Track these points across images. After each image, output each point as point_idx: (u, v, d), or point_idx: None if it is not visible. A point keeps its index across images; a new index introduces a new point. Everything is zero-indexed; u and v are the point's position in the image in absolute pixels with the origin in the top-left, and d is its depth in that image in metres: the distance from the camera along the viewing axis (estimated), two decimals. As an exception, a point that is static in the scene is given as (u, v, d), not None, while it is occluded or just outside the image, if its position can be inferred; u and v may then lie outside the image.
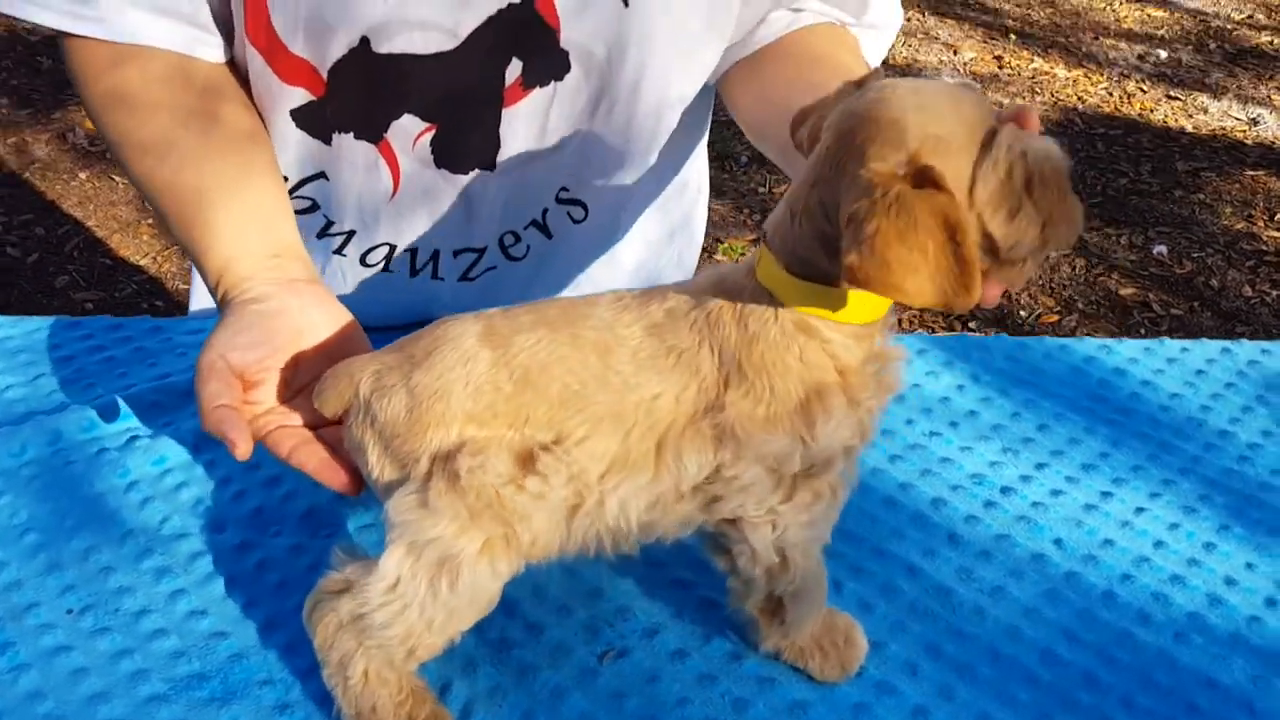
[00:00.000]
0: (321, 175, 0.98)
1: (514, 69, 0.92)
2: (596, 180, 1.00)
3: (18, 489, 0.91)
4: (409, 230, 1.01)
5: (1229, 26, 4.56)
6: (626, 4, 0.89)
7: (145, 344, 1.08)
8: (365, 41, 0.88)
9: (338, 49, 0.89)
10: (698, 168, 1.15)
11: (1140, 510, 0.94)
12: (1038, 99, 3.93)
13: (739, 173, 3.33)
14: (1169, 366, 1.12)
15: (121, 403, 0.98)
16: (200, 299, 1.19)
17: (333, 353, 0.81)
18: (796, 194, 0.67)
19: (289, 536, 0.88)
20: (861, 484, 0.94)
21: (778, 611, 0.77)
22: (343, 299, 0.86)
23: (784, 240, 0.68)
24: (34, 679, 0.76)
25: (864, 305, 0.67)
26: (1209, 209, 3.28)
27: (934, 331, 2.65)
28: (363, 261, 1.04)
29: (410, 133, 0.94)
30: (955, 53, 4.24)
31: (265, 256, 0.85)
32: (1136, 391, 1.09)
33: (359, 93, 0.91)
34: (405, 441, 0.69)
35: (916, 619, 0.84)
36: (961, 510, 0.93)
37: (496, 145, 0.95)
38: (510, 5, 0.87)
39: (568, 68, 0.92)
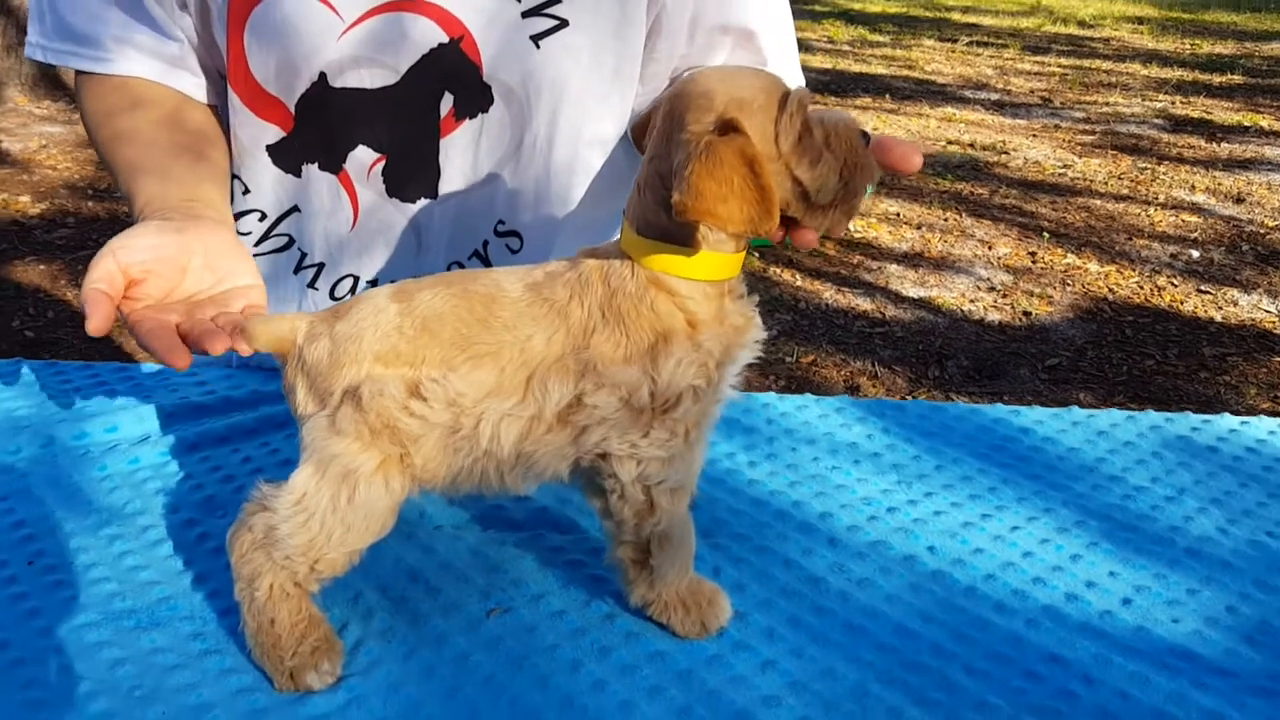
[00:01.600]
0: (295, 209, 1.15)
1: (447, 102, 1.09)
2: (528, 213, 1.15)
3: (6, 473, 1.04)
4: (369, 260, 1.16)
5: (1261, 231, 4.68)
6: (538, 46, 1.06)
7: (143, 381, 1.23)
8: (323, 76, 1.06)
9: (301, 85, 1.07)
10: None
11: (1015, 529, 1.01)
12: (1068, 289, 4.05)
13: (769, 345, 3.46)
14: (1073, 428, 1.20)
15: (112, 418, 1.12)
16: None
17: (218, 270, 0.93)
18: (641, 171, 0.81)
19: (233, 517, 0.99)
20: (758, 501, 1.03)
21: (646, 561, 0.85)
22: None
23: (635, 211, 0.81)
24: (-12, 608, 0.87)
25: (705, 264, 0.80)
26: (1234, 390, 3.32)
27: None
28: (332, 294, 1.19)
29: (364, 163, 1.10)
30: (990, 248, 4.41)
31: (185, 199, 0.99)
32: (1037, 445, 1.16)
33: (320, 124, 1.09)
34: (325, 379, 0.81)
35: (784, 598, 0.91)
36: (845, 521, 1.01)
37: (437, 173, 1.11)
38: (440, 45, 1.05)
39: (491, 100, 1.09)
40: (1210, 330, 3.73)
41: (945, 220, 4.71)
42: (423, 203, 1.13)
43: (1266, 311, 3.88)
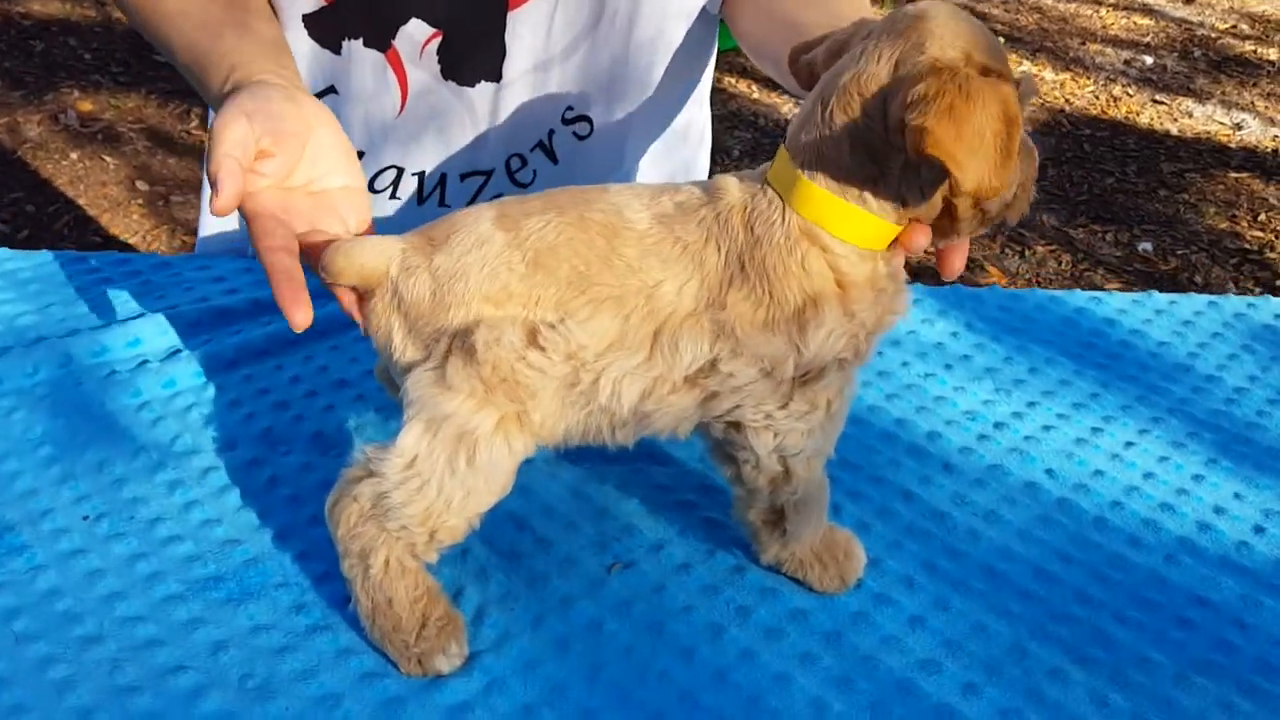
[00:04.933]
0: (332, 89, 1.00)
1: None
2: (601, 97, 1.02)
3: (30, 405, 0.92)
4: (417, 150, 1.03)
5: (1213, 35, 4.62)
6: None
7: (153, 278, 1.10)
8: None
9: None
10: (701, 116, 1.18)
11: (1129, 445, 0.97)
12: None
13: (730, 165, 3.35)
14: (1157, 317, 1.15)
15: (131, 329, 1.00)
16: (210, 225, 1.20)
17: (322, 160, 0.80)
18: (827, 87, 0.69)
19: (299, 455, 0.90)
20: (858, 419, 0.96)
21: (779, 522, 0.79)
22: None
23: (807, 137, 0.69)
24: (51, 579, 0.77)
25: (868, 228, 0.69)
26: (1193, 208, 3.32)
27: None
28: (371, 187, 1.06)
29: (417, 41, 0.96)
30: (944, 55, 4.28)
31: (276, 68, 0.85)
32: (1125, 339, 1.11)
33: None
34: (429, 322, 0.71)
35: (913, 539, 0.86)
36: (956, 443, 0.96)
37: (502, 53, 0.97)
38: None
39: None
40: (1167, 145, 3.70)
41: (899, 22, 4.54)
42: (482, 86, 0.99)
43: (1220, 123, 3.87)
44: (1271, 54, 4.44)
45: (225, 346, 1.00)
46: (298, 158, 0.78)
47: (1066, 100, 3.99)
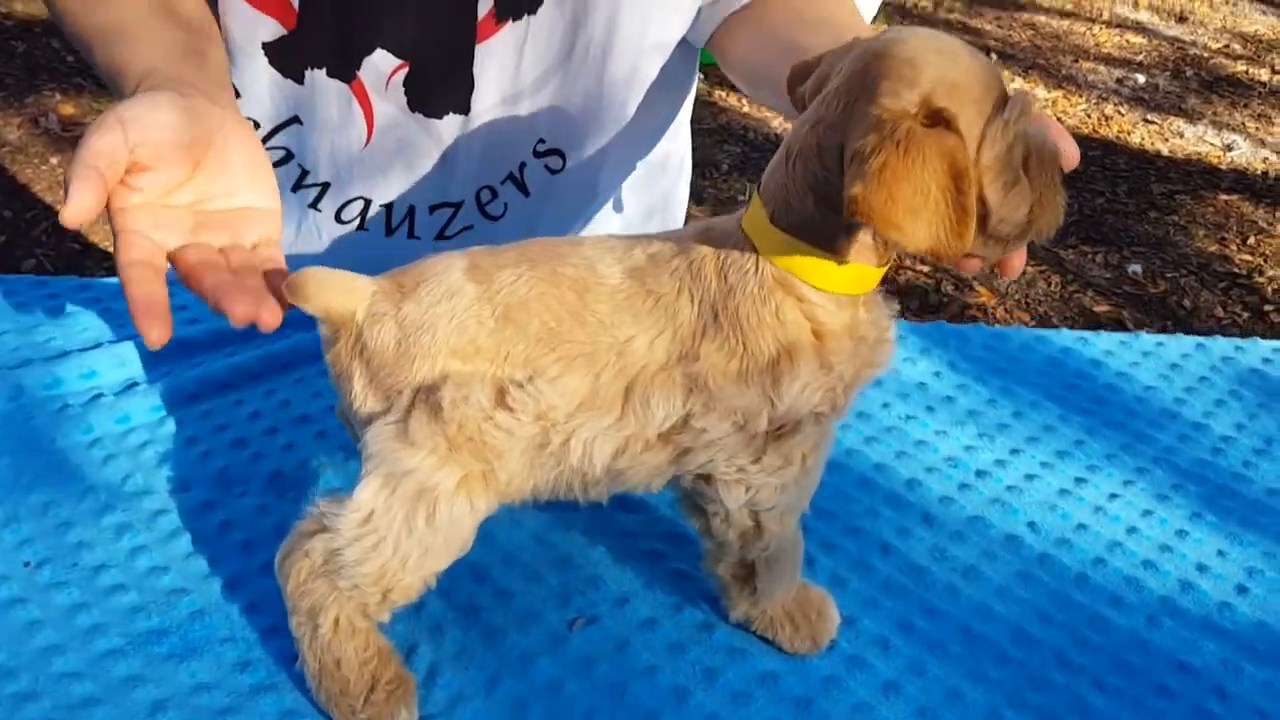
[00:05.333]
0: (295, 120, 0.97)
1: (486, 1, 0.91)
2: (574, 131, 0.99)
3: (-23, 443, 0.89)
4: (384, 183, 1.00)
5: (1206, 55, 4.61)
6: None
7: (113, 305, 1.06)
8: None
9: None
10: (680, 147, 1.15)
11: (1114, 496, 0.94)
12: (1016, 118, 3.95)
13: (719, 179, 3.33)
14: (1144, 360, 1.13)
15: (87, 360, 0.96)
16: None
17: (230, 178, 0.74)
18: (795, 134, 0.66)
19: (255, 497, 0.86)
20: (836, 464, 0.94)
21: (749, 578, 0.76)
22: (318, 259, 0.85)
23: (776, 185, 0.66)
24: (-14, 630, 0.74)
25: (845, 275, 0.66)
26: (1183, 231, 3.31)
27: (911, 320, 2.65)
28: (338, 218, 1.03)
29: (383, 72, 0.92)
30: (936, 70, 4.26)
31: (195, 76, 0.79)
32: (1111, 383, 1.09)
33: (331, 21, 0.90)
34: (392, 373, 0.68)
35: (889, 595, 0.83)
36: (936, 491, 0.93)
37: (470, 86, 0.94)
38: None
39: (540, 0, 0.91)
40: (1158, 165, 3.69)
41: (891, 37, 4.52)
42: (451, 118, 0.96)
43: (1211, 144, 3.85)
44: (1263, 74, 4.44)
45: (185, 380, 0.96)
46: (184, 174, 0.71)
47: (1058, 119, 3.97)
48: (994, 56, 4.40)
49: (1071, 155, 0.69)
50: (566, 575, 0.82)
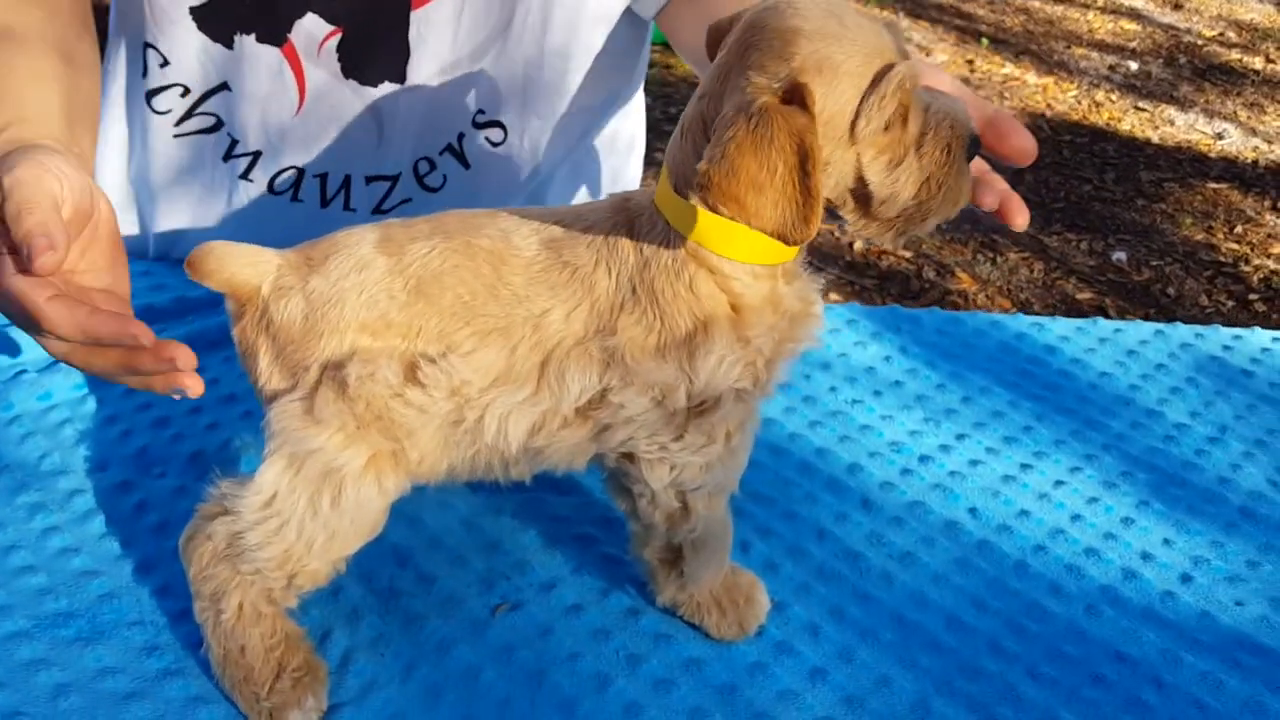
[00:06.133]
0: (224, 87, 0.95)
1: None
2: (514, 102, 0.97)
3: (-106, 420, 0.87)
4: (317, 151, 0.98)
5: (1200, 42, 4.58)
6: None
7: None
8: None
9: None
10: (631, 125, 1.12)
11: (1059, 484, 0.92)
12: (1006, 104, 3.92)
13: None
14: (1100, 346, 1.10)
15: (10, 336, 0.94)
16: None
17: (102, 263, 0.71)
18: (688, 110, 0.65)
19: (173, 478, 0.84)
20: (777, 448, 0.92)
21: (677, 562, 0.74)
22: (252, 234, 0.82)
23: (674, 159, 0.65)
24: (-114, 611, 0.72)
25: (752, 244, 0.64)
26: (1170, 219, 3.28)
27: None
28: (271, 189, 1.01)
29: (315, 36, 0.90)
30: (928, 55, 4.23)
31: (72, 132, 0.77)
32: (1065, 369, 1.07)
33: None
34: (298, 349, 0.66)
35: (823, 581, 0.81)
36: (877, 477, 0.91)
37: (406, 54, 0.92)
38: None
39: None
40: (1147, 153, 3.66)
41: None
42: (387, 87, 0.94)
43: (1202, 133, 3.83)
44: (1257, 63, 4.40)
45: (112, 357, 0.94)
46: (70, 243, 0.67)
47: (1048, 104, 3.94)
48: (985, 41, 4.37)
49: (1021, 147, 0.66)
50: (493, 560, 0.80)
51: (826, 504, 0.88)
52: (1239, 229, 3.24)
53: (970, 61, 4.21)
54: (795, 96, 0.59)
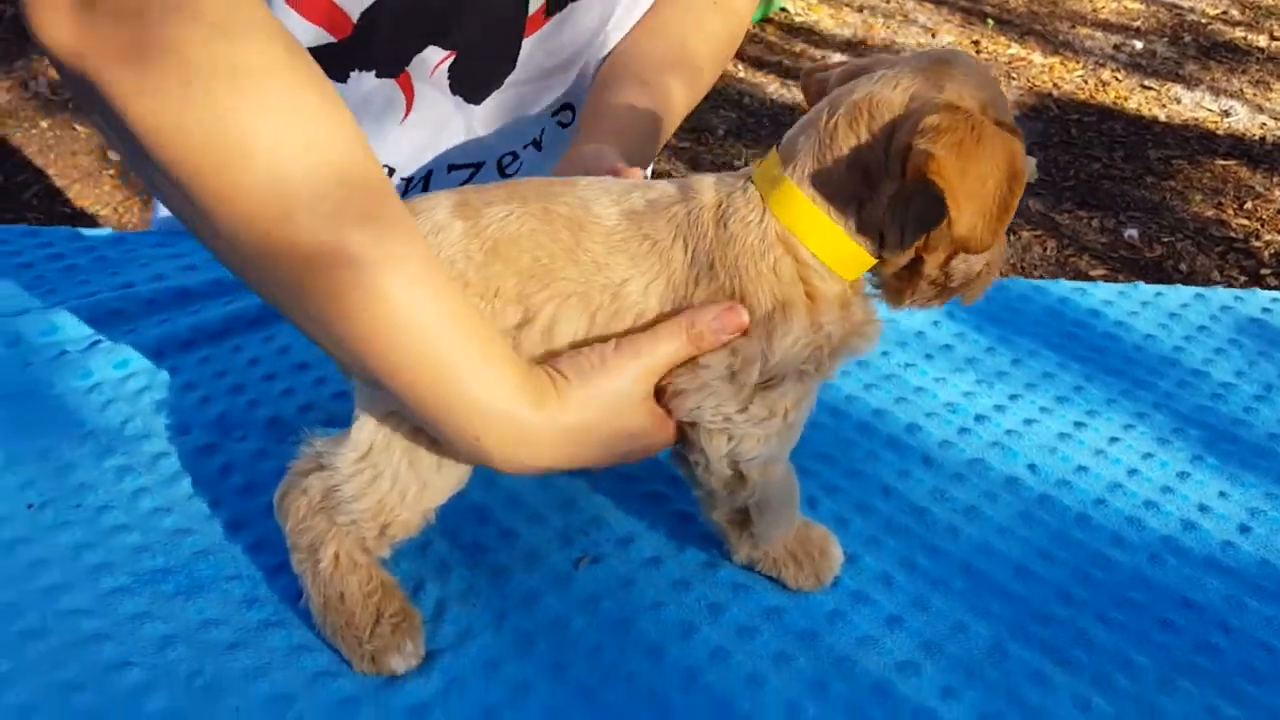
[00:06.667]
0: None
1: None
2: (585, 85, 0.99)
3: (-25, 388, 0.88)
4: (410, 153, 0.99)
5: (1204, 21, 4.59)
6: None
7: (107, 254, 1.06)
8: None
9: None
10: None
11: (1114, 440, 0.94)
12: (1013, 84, 3.94)
13: (715, 145, 3.32)
14: (1143, 309, 1.13)
15: (84, 308, 0.96)
16: (164, 209, 1.16)
17: None
18: (837, 98, 0.65)
19: (254, 441, 0.86)
20: (836, 410, 0.94)
21: (746, 523, 0.76)
22: None
23: (805, 141, 0.66)
24: (-10, 569, 0.74)
25: (840, 253, 0.66)
26: (1180, 195, 3.30)
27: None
28: None
29: (430, 63, 0.91)
30: (934, 35, 4.25)
31: None
32: (1110, 332, 1.09)
33: (388, 32, 0.88)
34: None
35: (891, 535, 0.83)
36: (936, 435, 0.93)
37: (511, 72, 0.94)
38: None
39: None
40: (1155, 131, 3.68)
41: (888, 3, 4.50)
42: (488, 100, 0.96)
43: (1209, 110, 3.84)
44: (1261, 40, 4.42)
45: (181, 326, 0.96)
46: None
47: (1055, 84, 3.96)
48: (990, 22, 4.38)
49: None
50: (569, 517, 0.83)
51: (888, 462, 0.90)
52: (1249, 205, 3.26)
53: (976, 42, 4.23)
54: (1003, 125, 0.62)
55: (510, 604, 0.75)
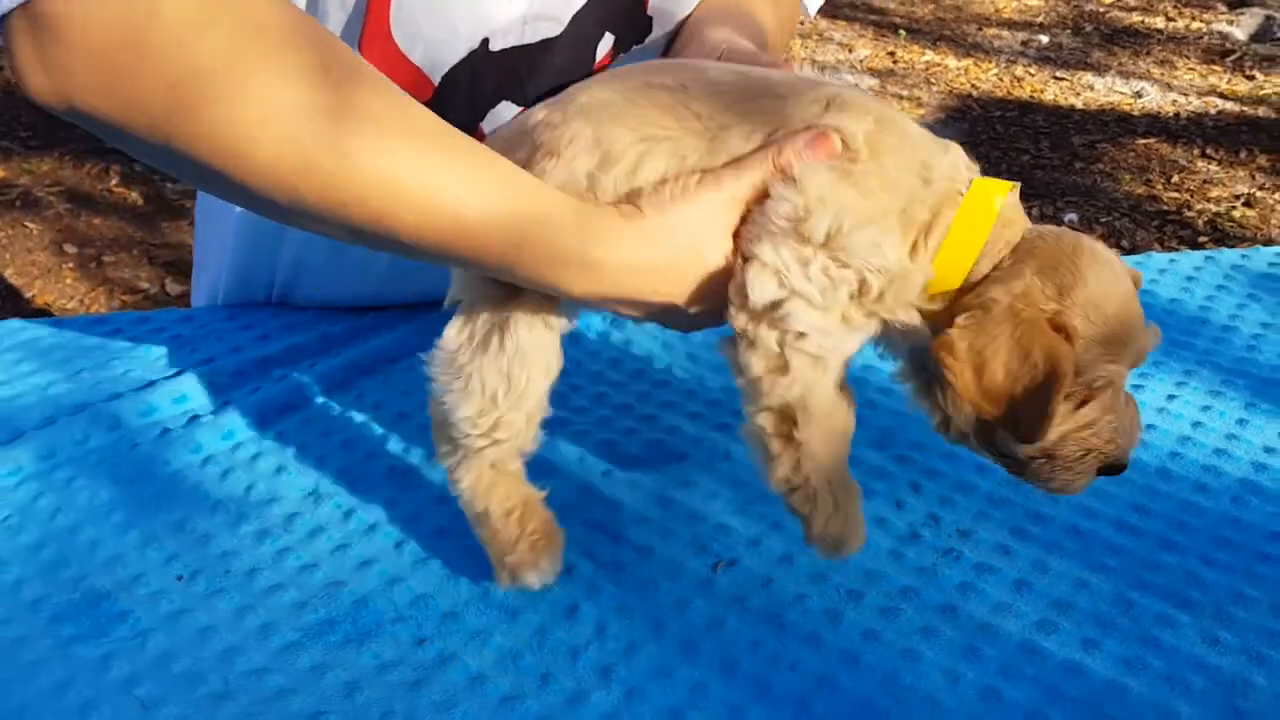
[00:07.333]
0: None
1: (605, 43, 0.95)
2: None
3: (89, 473, 0.89)
4: None
5: (1101, 9, 4.80)
6: None
7: (181, 332, 1.08)
8: (485, 42, 0.89)
9: (456, 54, 0.89)
10: None
11: (1171, 397, 1.01)
12: (933, 89, 4.07)
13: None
14: (1161, 276, 1.20)
15: (175, 386, 0.98)
16: (201, 290, 1.18)
17: None
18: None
19: (381, 491, 0.89)
20: (899, 414, 0.98)
21: (790, 434, 0.71)
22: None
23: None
24: (161, 642, 0.75)
25: (956, 263, 0.68)
26: (1109, 177, 3.45)
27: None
28: None
29: (502, 117, 0.95)
30: (850, 51, 4.37)
31: None
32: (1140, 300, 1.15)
33: (465, 93, 0.92)
34: None
35: (996, 508, 0.88)
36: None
37: None
38: None
39: (649, 31, 0.96)
40: (1074, 119, 3.84)
41: (802, 23, 4.62)
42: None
43: (1121, 94, 4.02)
44: (1159, 22, 4.63)
45: (274, 393, 0.98)
46: None
47: (972, 85, 4.10)
48: (902, 33, 4.53)
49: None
50: (696, 527, 0.86)
51: (975, 441, 0.95)
52: (1175, 178, 3.41)
53: (892, 53, 4.37)
54: (1060, 328, 0.66)
55: (665, 612, 0.79)
